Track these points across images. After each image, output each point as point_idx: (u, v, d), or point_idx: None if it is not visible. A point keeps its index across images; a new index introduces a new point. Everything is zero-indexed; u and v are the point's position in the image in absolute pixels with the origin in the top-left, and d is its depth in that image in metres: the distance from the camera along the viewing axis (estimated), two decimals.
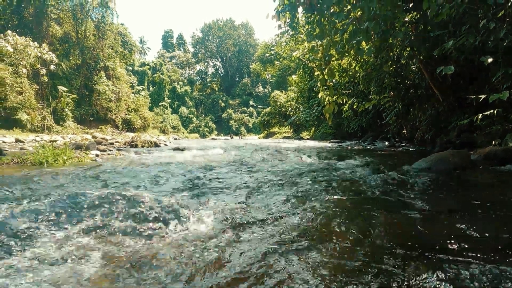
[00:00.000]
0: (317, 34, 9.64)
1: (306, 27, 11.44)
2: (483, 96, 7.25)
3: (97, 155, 6.21)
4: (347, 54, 11.16)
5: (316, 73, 11.47)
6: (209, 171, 4.69)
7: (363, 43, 7.26)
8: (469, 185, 3.47)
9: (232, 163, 5.92)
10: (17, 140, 12.94)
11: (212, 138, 40.68)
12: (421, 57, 9.54)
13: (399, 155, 7.88)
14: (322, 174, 4.25)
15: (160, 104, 62.35)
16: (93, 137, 11.45)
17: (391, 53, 9.18)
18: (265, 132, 41.20)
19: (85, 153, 6.19)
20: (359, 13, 6.74)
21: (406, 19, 7.78)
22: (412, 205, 2.60)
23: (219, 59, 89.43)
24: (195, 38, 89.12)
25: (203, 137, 56.84)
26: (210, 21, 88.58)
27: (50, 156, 4.71)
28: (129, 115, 38.83)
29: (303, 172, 4.51)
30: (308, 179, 3.85)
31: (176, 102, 69.45)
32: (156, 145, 10.04)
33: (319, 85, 12.34)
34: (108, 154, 6.84)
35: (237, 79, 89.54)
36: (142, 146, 9.52)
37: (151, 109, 51.76)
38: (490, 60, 5.27)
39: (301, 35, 13.28)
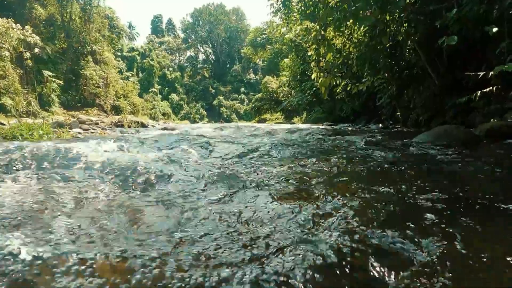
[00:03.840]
0: (310, 13, 9.26)
1: (300, 4, 11.04)
2: (482, 73, 7.03)
3: (79, 133, 5.85)
4: (341, 33, 10.85)
5: (309, 53, 11.13)
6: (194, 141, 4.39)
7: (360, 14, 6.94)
8: (483, 156, 3.23)
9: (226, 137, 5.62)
10: None
11: (203, 122, 40.22)
12: (417, 38, 9.28)
13: (395, 134, 7.68)
14: (319, 143, 3.98)
15: (150, 90, 61.29)
16: (78, 118, 10.99)
17: (388, 30, 8.87)
18: (256, 118, 40.80)
19: (67, 130, 5.82)
20: None
21: None
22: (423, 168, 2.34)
23: (210, 45, 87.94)
24: (185, 23, 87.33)
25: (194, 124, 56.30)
26: (200, 6, 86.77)
27: (24, 131, 4.35)
28: (118, 101, 37.92)
29: (300, 141, 4.23)
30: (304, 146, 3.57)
31: (166, 88, 68.42)
32: (144, 125, 9.65)
33: (312, 66, 12.00)
34: (92, 132, 6.48)
35: (228, 66, 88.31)
36: (129, 127, 9.12)
37: (140, 95, 50.80)
38: (495, 29, 5.01)
39: (294, 14, 12.89)
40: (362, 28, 10.87)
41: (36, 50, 26.72)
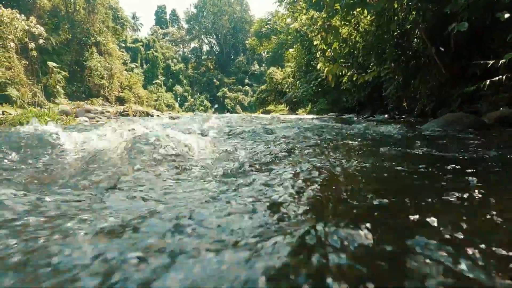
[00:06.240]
0: (316, 2, 9.14)
1: None
2: (491, 62, 6.92)
3: (85, 121, 5.86)
4: (347, 23, 10.73)
5: (315, 42, 11.02)
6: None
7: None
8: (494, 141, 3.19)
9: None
10: (4, 112, 12.50)
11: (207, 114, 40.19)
12: (424, 26, 9.15)
13: (403, 123, 7.62)
14: (331, 130, 3.97)
15: (154, 82, 61.27)
16: (83, 107, 11.02)
17: (396, 17, 8.76)
18: (261, 110, 40.66)
19: (73, 118, 5.83)
20: None
21: None
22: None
23: (214, 36, 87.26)
24: (188, 14, 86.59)
25: None
26: None
27: (31, 117, 4.37)
28: (122, 92, 37.96)
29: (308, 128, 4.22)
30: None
31: (171, 80, 68.31)
32: (149, 114, 9.68)
33: (318, 55, 11.90)
34: (97, 121, 6.50)
35: (232, 57, 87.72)
36: (134, 116, 9.15)
37: (145, 87, 50.79)
38: (506, 15, 4.92)
39: (300, 3, 12.76)
40: (369, 17, 10.75)
41: (41, 41, 26.74)
